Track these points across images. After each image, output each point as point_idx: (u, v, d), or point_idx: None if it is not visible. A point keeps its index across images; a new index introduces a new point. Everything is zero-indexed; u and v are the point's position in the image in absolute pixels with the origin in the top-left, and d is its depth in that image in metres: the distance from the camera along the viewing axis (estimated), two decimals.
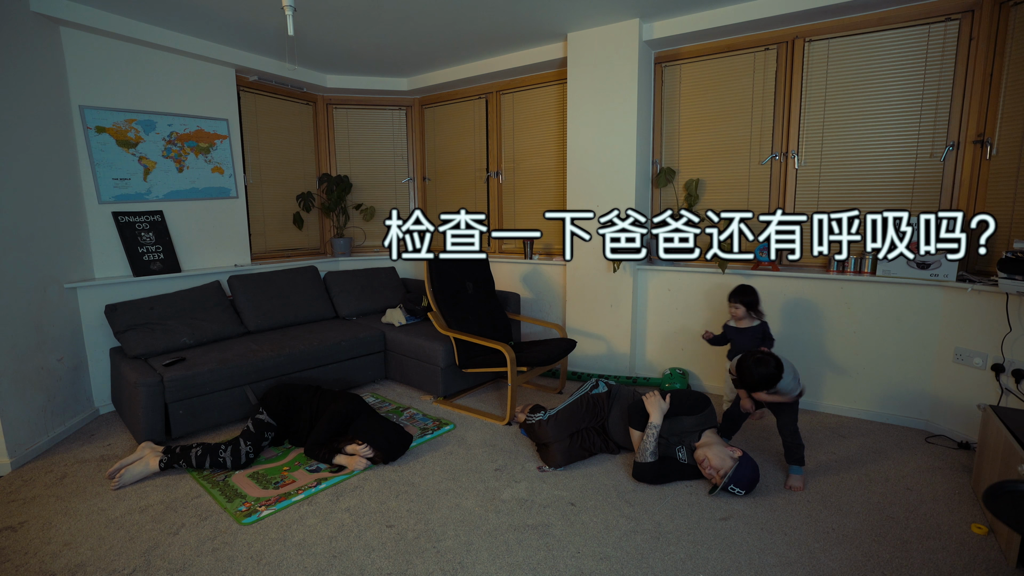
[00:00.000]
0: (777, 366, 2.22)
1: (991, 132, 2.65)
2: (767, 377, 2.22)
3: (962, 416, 2.72)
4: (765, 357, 2.24)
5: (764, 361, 2.23)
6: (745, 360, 2.28)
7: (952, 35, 2.74)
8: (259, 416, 2.60)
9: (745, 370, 2.26)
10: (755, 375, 2.23)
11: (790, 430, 2.34)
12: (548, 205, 4.17)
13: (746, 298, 2.80)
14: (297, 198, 4.51)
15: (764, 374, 2.21)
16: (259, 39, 3.55)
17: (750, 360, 2.26)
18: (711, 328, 3.29)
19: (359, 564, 1.84)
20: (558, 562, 1.84)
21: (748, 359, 2.27)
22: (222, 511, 2.16)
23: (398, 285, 4.40)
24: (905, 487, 2.31)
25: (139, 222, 3.40)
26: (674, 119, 3.59)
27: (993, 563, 1.81)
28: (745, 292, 2.81)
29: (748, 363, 2.26)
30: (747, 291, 2.81)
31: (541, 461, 2.56)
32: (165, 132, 3.51)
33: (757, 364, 2.24)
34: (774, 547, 1.91)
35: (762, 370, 2.22)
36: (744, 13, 3.05)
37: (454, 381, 3.40)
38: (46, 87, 2.88)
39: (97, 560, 1.86)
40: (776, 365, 2.22)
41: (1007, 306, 2.49)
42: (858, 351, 3.01)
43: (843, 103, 3.03)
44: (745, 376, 2.27)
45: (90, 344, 3.15)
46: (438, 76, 4.39)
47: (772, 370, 2.21)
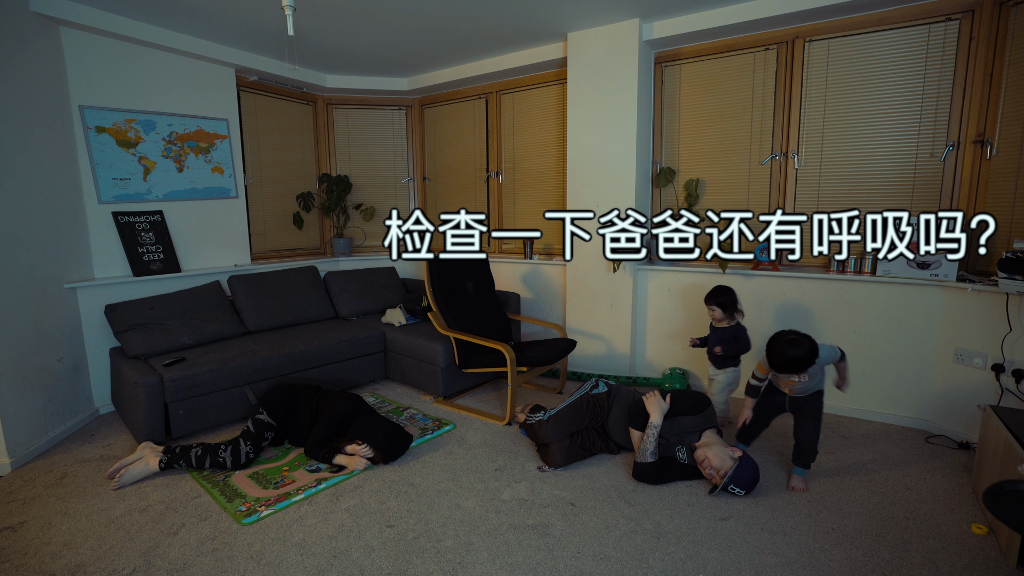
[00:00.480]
0: (812, 349, 2.08)
1: (991, 132, 2.65)
2: (798, 360, 2.07)
3: (962, 416, 2.72)
4: (799, 338, 2.10)
5: (797, 342, 2.09)
6: (777, 340, 2.14)
7: (952, 35, 2.74)
8: (259, 416, 2.60)
9: (776, 350, 2.13)
10: (787, 356, 2.09)
11: (811, 436, 2.26)
12: (548, 205, 4.17)
13: (720, 299, 2.81)
14: (297, 198, 4.51)
15: (794, 355, 2.07)
16: (259, 39, 3.56)
17: (782, 340, 2.12)
18: (697, 332, 3.30)
19: (359, 564, 1.83)
20: (558, 562, 1.84)
21: (780, 339, 2.14)
22: (222, 511, 2.16)
23: (398, 285, 4.40)
24: (905, 487, 2.31)
25: (139, 222, 3.41)
26: (674, 119, 3.59)
27: (993, 563, 1.81)
28: (719, 293, 2.81)
29: (780, 343, 2.12)
30: (721, 292, 2.81)
31: (541, 461, 2.56)
32: (165, 132, 3.51)
33: (789, 345, 2.09)
34: (774, 547, 1.91)
35: (793, 351, 2.08)
36: (744, 13, 3.05)
37: (454, 381, 3.40)
38: (46, 87, 2.88)
39: (97, 560, 1.86)
40: (810, 348, 2.08)
41: (1007, 306, 2.49)
42: (858, 351, 3.01)
43: (843, 103, 3.03)
44: (775, 357, 2.12)
45: (90, 344, 3.15)
46: (438, 76, 4.39)
47: (804, 353, 2.07)
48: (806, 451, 2.29)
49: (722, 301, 2.80)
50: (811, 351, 2.09)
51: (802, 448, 2.29)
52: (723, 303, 2.80)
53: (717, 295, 2.82)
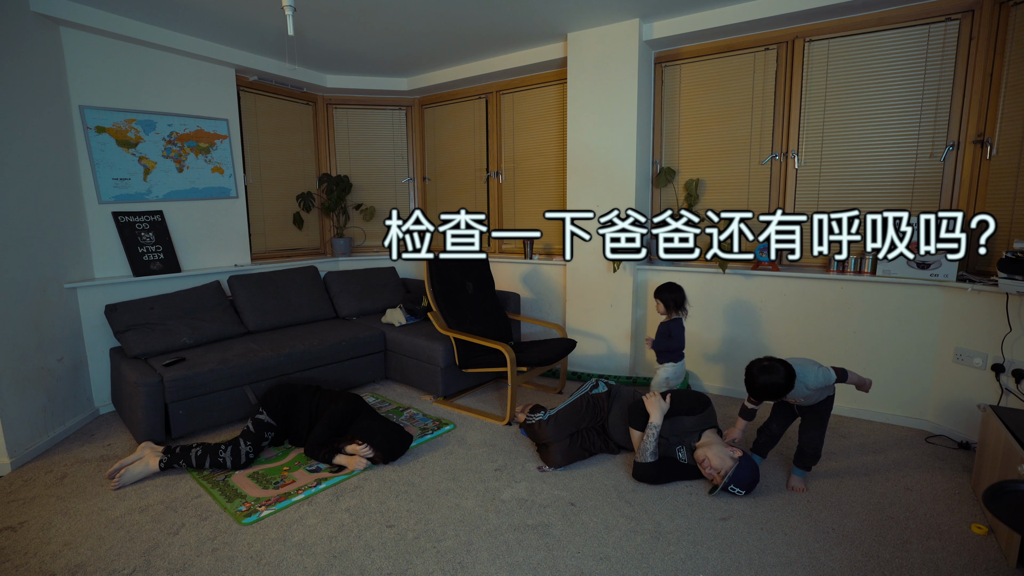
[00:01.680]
0: (788, 376, 2.03)
1: (991, 132, 2.65)
2: (771, 387, 2.05)
3: (962, 416, 2.72)
4: (773, 364, 2.06)
5: (771, 369, 2.05)
6: (751, 367, 2.13)
7: (952, 35, 2.74)
8: (259, 416, 2.60)
9: (750, 377, 2.10)
10: (759, 383, 2.07)
11: (814, 442, 2.23)
12: (548, 205, 4.17)
13: (664, 295, 2.88)
14: (297, 198, 4.51)
15: (768, 383, 2.05)
16: (259, 39, 3.55)
17: (756, 367, 2.10)
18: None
19: (359, 564, 1.83)
20: (558, 562, 1.84)
21: (755, 366, 2.11)
22: (222, 511, 2.16)
23: (398, 285, 4.40)
24: (905, 487, 2.31)
25: (139, 222, 3.40)
26: (674, 119, 3.59)
27: (993, 563, 1.81)
28: (666, 290, 2.89)
29: (754, 370, 2.10)
30: (666, 289, 2.89)
31: (541, 461, 2.56)
32: (165, 132, 3.51)
33: (763, 372, 2.06)
34: (774, 547, 1.91)
35: (767, 378, 2.05)
36: (744, 13, 3.05)
37: (454, 381, 3.40)
38: (46, 87, 2.88)
39: (97, 560, 1.86)
40: (786, 375, 2.03)
41: (1007, 306, 2.49)
42: (858, 351, 3.01)
43: (843, 103, 3.03)
44: (750, 383, 2.11)
45: (90, 344, 3.15)
46: (438, 76, 4.39)
47: (780, 380, 2.03)
48: (808, 455, 2.26)
49: (665, 298, 2.89)
50: (787, 378, 2.05)
51: (805, 452, 2.27)
52: (666, 299, 2.88)
53: (664, 291, 2.89)
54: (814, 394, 2.16)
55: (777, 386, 2.06)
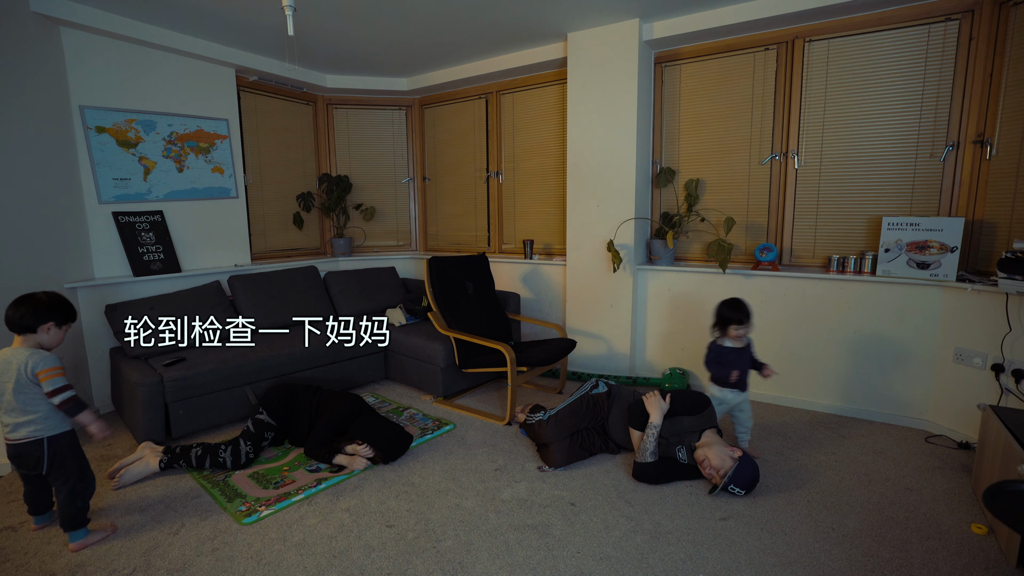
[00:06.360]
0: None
1: (991, 132, 2.65)
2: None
3: (962, 416, 2.72)
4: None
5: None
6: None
7: (952, 35, 2.74)
8: (259, 416, 2.60)
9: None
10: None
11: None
12: (548, 205, 4.17)
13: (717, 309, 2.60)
14: (297, 198, 4.51)
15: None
16: (259, 39, 3.56)
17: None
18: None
19: (359, 564, 1.84)
20: (558, 562, 1.84)
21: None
22: (222, 511, 2.16)
23: (398, 285, 4.40)
24: (905, 487, 2.31)
25: (139, 222, 3.41)
26: (674, 119, 3.59)
27: (993, 563, 1.81)
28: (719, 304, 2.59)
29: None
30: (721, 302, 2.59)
31: (541, 461, 2.56)
32: (165, 132, 3.51)
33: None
34: (774, 547, 1.91)
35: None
36: (744, 13, 3.05)
37: (454, 381, 3.40)
38: (46, 87, 2.88)
39: (97, 560, 1.86)
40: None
41: (1007, 306, 2.49)
42: (858, 351, 3.01)
43: (843, 103, 3.03)
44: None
45: (90, 344, 3.15)
46: (438, 76, 4.39)
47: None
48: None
49: (716, 312, 2.57)
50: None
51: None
52: (716, 314, 2.56)
53: (719, 305, 2.58)
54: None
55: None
